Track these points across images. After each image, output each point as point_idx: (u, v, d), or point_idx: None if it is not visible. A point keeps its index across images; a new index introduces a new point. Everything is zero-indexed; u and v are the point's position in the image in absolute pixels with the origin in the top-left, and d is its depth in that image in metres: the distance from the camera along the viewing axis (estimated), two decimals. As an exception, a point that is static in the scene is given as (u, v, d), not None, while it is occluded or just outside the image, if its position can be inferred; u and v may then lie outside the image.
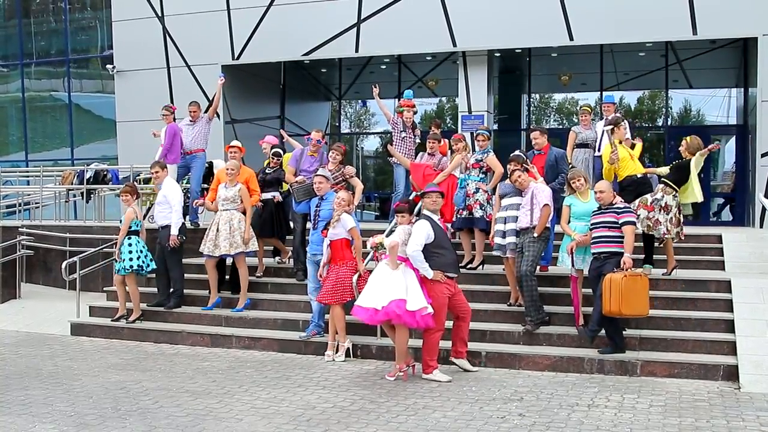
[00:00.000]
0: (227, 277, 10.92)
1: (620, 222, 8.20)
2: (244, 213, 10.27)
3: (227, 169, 10.38)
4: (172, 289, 10.73)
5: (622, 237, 8.19)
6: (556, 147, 10.57)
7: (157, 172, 10.71)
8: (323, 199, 9.30)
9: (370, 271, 8.53)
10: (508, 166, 9.44)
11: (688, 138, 9.88)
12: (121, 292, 10.54)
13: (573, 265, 8.71)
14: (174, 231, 10.34)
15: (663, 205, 9.32)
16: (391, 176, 12.13)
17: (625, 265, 8.02)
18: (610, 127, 10.08)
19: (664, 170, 9.83)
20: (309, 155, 10.76)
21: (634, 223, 8.37)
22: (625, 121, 11.74)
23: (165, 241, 10.42)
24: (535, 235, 8.75)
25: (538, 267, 9.19)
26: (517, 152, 9.95)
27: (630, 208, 8.57)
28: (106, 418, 6.64)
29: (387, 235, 8.83)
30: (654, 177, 10.16)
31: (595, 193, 8.50)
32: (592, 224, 8.46)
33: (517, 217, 9.10)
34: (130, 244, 10.28)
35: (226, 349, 9.70)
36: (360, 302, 8.06)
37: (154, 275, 10.91)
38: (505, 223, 9.26)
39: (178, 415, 6.74)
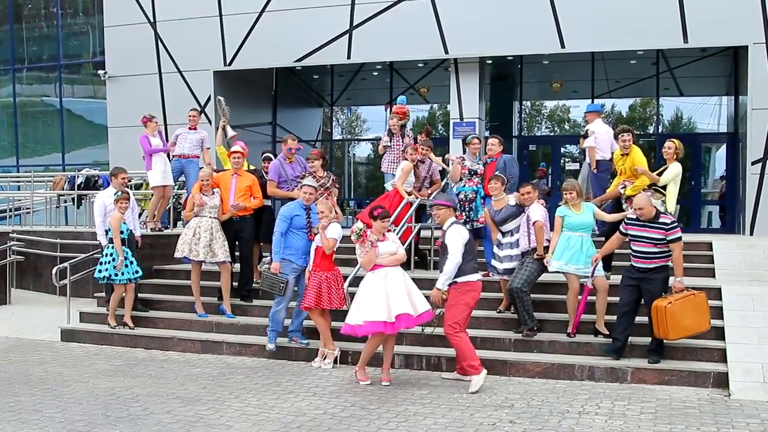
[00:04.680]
0: (234, 283, 10.85)
1: (669, 239, 7.97)
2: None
3: (202, 180, 10.34)
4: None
5: (668, 252, 8.02)
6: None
7: (124, 177, 10.94)
8: (311, 209, 9.16)
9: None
10: (493, 184, 9.36)
11: (676, 141, 9.95)
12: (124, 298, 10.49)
13: (593, 275, 8.63)
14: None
15: None
16: (382, 182, 12.15)
17: (675, 289, 7.95)
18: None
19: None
20: (288, 162, 10.89)
21: (681, 239, 8.12)
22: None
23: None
24: (535, 256, 8.79)
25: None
26: (497, 173, 9.89)
27: (677, 223, 8.25)
28: (96, 425, 6.61)
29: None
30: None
31: (635, 210, 8.20)
32: (631, 236, 8.19)
33: (510, 243, 9.20)
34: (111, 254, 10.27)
35: (216, 355, 9.68)
36: (370, 316, 7.88)
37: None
38: (511, 248, 9.24)
39: (168, 421, 6.72)
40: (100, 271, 10.27)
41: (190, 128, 12.69)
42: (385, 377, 8.12)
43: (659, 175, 9.88)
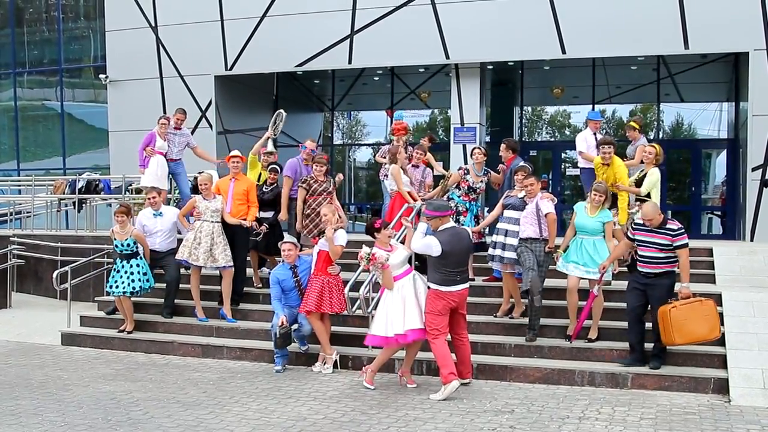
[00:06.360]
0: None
1: (675, 245, 7.98)
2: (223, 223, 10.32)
3: (201, 184, 10.33)
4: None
5: (674, 258, 8.05)
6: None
7: (155, 197, 10.70)
8: (296, 266, 9.08)
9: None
10: (516, 176, 9.41)
11: (657, 146, 10.09)
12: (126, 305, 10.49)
13: (601, 281, 8.61)
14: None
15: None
16: (382, 187, 12.25)
17: (681, 295, 7.94)
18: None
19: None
20: (305, 164, 11.05)
21: (688, 245, 8.10)
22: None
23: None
24: (547, 249, 8.82)
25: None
26: (522, 163, 10.07)
27: (683, 229, 8.19)
28: (97, 429, 6.62)
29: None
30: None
31: (644, 220, 8.21)
32: (638, 241, 8.20)
33: (516, 231, 9.15)
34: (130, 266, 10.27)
35: (217, 359, 9.68)
36: (411, 325, 7.90)
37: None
38: (506, 236, 9.28)
39: (168, 426, 6.72)
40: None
41: (175, 128, 12.57)
42: (410, 380, 8.23)
43: (639, 180, 10.12)
